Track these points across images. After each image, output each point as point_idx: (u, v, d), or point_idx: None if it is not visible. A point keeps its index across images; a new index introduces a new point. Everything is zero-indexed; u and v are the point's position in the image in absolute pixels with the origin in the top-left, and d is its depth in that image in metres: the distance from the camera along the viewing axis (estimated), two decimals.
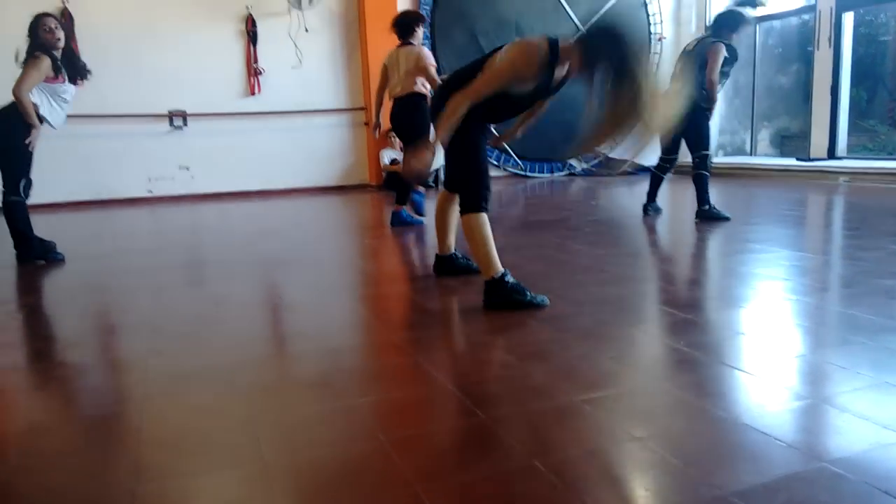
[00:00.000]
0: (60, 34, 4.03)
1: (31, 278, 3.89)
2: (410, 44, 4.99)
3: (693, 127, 4.77)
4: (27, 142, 4.00)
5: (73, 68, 4.16)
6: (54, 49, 4.00)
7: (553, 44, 2.60)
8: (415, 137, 4.58)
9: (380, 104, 5.27)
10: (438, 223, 3.29)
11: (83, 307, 3.21)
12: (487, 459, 1.49)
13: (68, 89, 4.13)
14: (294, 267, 3.99)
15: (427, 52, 4.97)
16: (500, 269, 2.75)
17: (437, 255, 3.39)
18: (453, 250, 3.36)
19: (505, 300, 2.71)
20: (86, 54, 7.53)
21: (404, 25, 4.99)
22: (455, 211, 3.07)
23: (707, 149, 4.91)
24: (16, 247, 4.20)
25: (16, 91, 3.87)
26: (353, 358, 2.32)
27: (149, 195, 8.05)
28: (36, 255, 4.17)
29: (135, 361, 2.30)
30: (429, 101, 4.78)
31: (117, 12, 7.66)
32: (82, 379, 2.19)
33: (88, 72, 4.28)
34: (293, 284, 3.58)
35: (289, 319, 2.93)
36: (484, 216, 2.79)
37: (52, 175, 7.36)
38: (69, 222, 6.32)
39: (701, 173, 4.88)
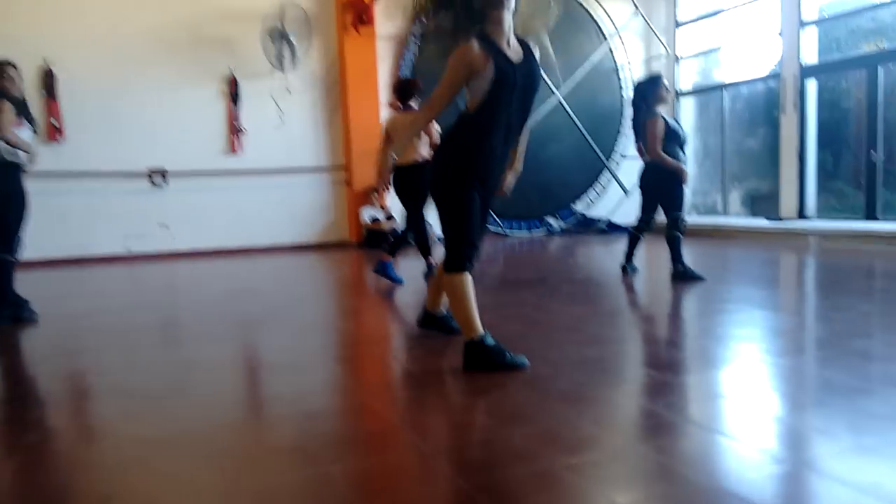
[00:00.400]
0: (20, 83, 4.13)
1: (3, 338, 3.80)
2: (410, 107, 5.20)
3: (667, 189, 4.91)
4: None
5: (29, 116, 4.19)
6: (15, 95, 4.04)
7: (480, 34, 2.67)
8: (420, 203, 5.00)
9: (386, 164, 5.25)
10: (435, 279, 3.25)
11: (55, 369, 3.13)
12: None
13: (28, 134, 4.13)
14: (272, 327, 3.95)
15: None
16: (480, 331, 2.74)
17: (424, 309, 3.35)
18: (443, 310, 3.32)
19: (484, 362, 2.70)
20: (67, 111, 7.62)
21: (407, 91, 5.26)
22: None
23: (680, 210, 5.01)
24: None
25: (2, 134, 3.86)
26: (331, 422, 2.28)
27: (126, 253, 7.98)
28: (9, 315, 4.08)
29: (106, 426, 2.24)
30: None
31: (99, 70, 7.75)
32: (52, 444, 2.12)
33: (37, 124, 4.34)
34: (270, 345, 3.53)
35: (265, 382, 2.88)
36: (466, 276, 2.76)
37: (28, 232, 7.28)
38: (44, 280, 6.22)
39: (674, 234, 4.96)
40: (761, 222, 8.86)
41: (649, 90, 4.99)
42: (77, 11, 7.63)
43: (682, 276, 4.92)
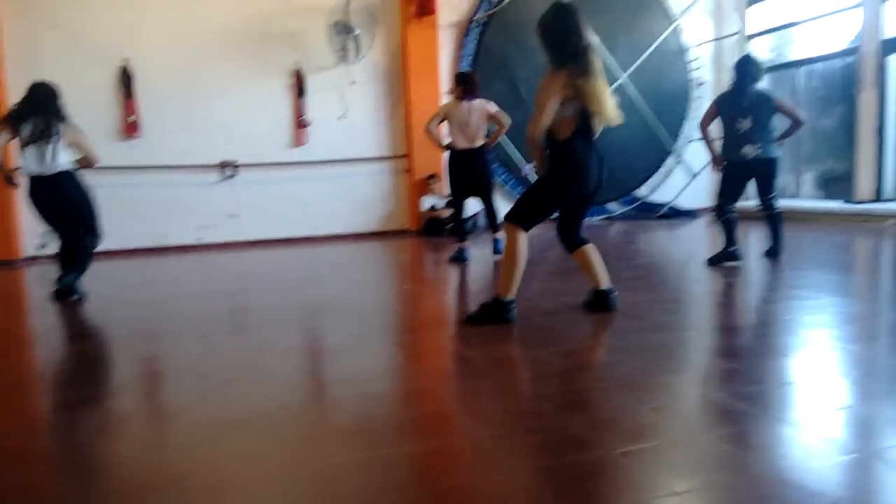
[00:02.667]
0: None
1: (84, 323, 4.04)
2: (475, 97, 5.59)
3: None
4: None
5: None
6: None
7: (561, 64, 3.15)
8: (488, 184, 5.66)
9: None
10: (519, 264, 3.39)
11: (133, 353, 3.32)
12: None
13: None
14: (335, 313, 4.06)
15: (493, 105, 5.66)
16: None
17: (503, 299, 3.38)
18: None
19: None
20: (143, 108, 7.97)
21: (474, 83, 5.69)
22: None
23: (718, 198, 5.09)
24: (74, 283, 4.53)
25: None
26: (390, 406, 2.34)
27: (198, 242, 8.32)
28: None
29: (181, 408, 2.37)
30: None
31: (173, 69, 8.05)
32: (131, 423, 2.26)
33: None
34: (333, 330, 3.64)
35: (328, 366, 2.98)
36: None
37: (107, 224, 7.68)
38: (122, 269, 6.56)
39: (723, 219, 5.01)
40: (836, 205, 8.46)
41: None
42: (153, 11, 7.94)
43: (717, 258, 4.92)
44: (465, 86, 5.68)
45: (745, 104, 4.88)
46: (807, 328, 3.10)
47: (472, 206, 6.34)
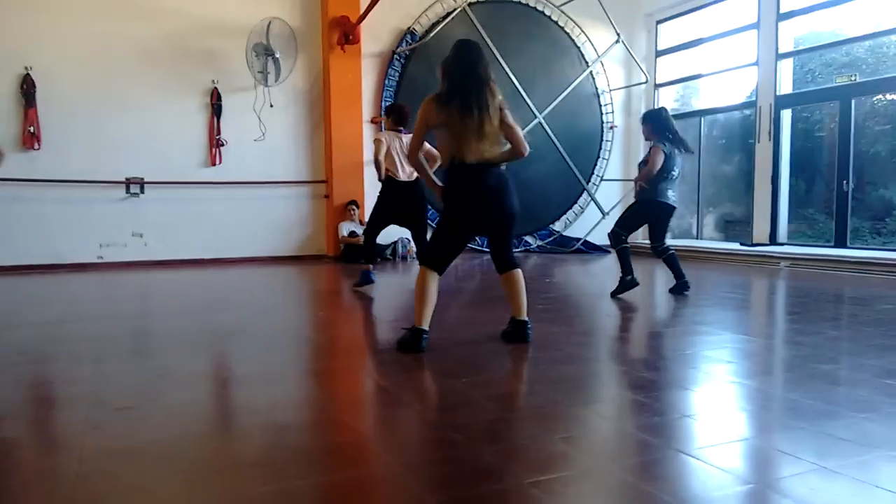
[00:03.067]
0: None
1: None
2: (406, 130, 5.63)
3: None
4: None
5: None
6: None
7: (438, 93, 3.33)
8: (423, 217, 5.62)
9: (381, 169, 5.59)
10: (426, 297, 3.38)
11: (20, 377, 3.07)
12: None
13: None
14: (245, 338, 3.92)
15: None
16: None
17: (416, 329, 3.37)
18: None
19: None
20: (45, 119, 7.55)
21: (404, 115, 5.74)
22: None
23: (618, 227, 5.49)
24: None
25: None
26: (300, 436, 2.27)
27: (99, 261, 7.88)
28: None
29: (71, 437, 2.21)
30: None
31: (82, 80, 7.69)
32: (14, 455, 2.08)
33: None
34: (242, 357, 3.51)
35: (236, 394, 2.86)
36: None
37: (1, 238, 7.19)
38: (16, 287, 6.12)
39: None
40: (734, 245, 9.01)
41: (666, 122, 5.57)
42: (60, 20, 7.58)
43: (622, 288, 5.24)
44: (396, 117, 5.72)
45: (677, 154, 5.25)
46: (707, 362, 3.25)
47: (393, 233, 6.32)
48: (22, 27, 7.42)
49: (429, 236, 3.71)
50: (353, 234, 8.49)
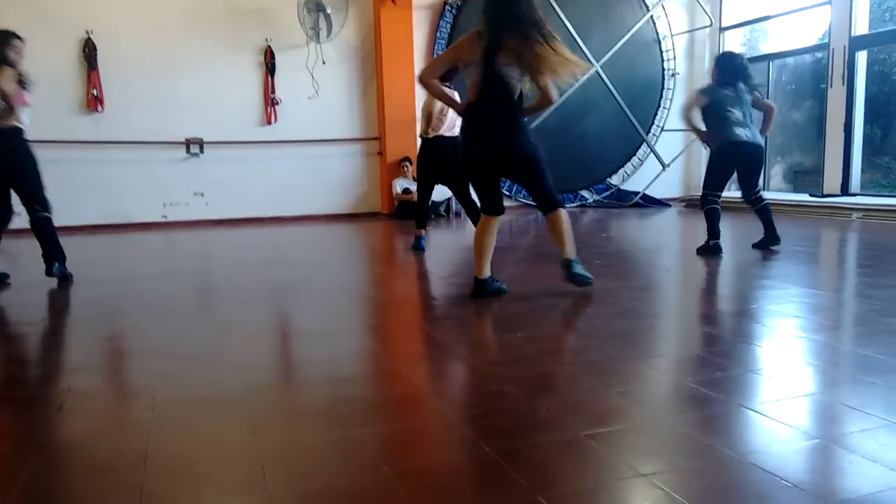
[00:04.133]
0: (21, 56, 4.31)
1: (48, 300, 3.93)
2: (451, 87, 5.34)
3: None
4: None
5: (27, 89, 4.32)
6: (18, 66, 4.24)
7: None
8: (459, 175, 5.30)
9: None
10: (480, 247, 3.44)
11: (94, 330, 3.24)
12: (491, 493, 1.48)
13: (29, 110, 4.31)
14: (304, 294, 4.01)
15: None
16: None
17: (476, 279, 3.48)
18: (489, 274, 3.50)
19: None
20: (107, 82, 7.75)
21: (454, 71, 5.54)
22: (494, 235, 3.49)
23: (704, 188, 5.19)
24: (50, 261, 4.30)
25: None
26: (360, 387, 2.32)
27: (163, 220, 8.16)
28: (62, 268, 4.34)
29: (143, 387, 2.31)
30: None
31: (140, 43, 7.84)
32: (92, 402, 2.20)
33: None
34: (303, 312, 3.59)
35: (297, 347, 2.94)
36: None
37: (70, 199, 7.49)
38: (85, 246, 6.40)
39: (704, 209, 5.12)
40: (803, 197, 8.63)
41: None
42: None
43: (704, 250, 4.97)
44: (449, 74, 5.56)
45: (735, 95, 4.94)
46: (773, 317, 3.15)
47: (445, 190, 6.28)
48: None
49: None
50: (406, 190, 8.50)
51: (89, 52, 7.61)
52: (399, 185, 8.63)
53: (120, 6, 7.74)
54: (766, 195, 5.43)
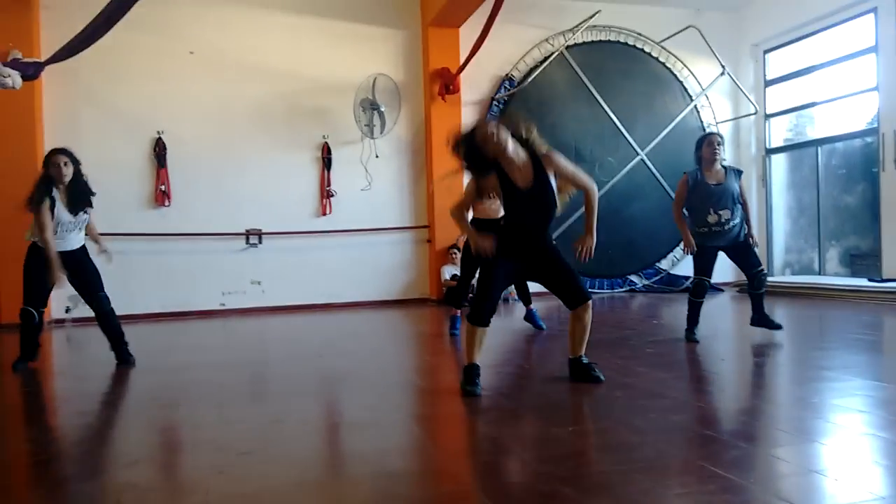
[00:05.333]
0: (69, 170, 4.48)
1: (104, 390, 4.07)
2: None
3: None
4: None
5: (75, 198, 4.55)
6: (61, 183, 4.48)
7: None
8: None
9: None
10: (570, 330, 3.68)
11: (151, 421, 3.32)
12: None
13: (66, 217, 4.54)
14: (354, 383, 4.05)
15: None
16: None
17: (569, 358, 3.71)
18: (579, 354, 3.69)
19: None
20: (174, 177, 8.23)
21: None
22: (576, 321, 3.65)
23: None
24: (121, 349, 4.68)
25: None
26: (408, 484, 2.31)
27: (221, 307, 8.41)
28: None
29: (198, 480, 2.35)
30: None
31: (204, 140, 8.36)
32: (148, 498, 2.24)
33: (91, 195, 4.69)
34: (352, 402, 3.62)
35: (346, 439, 2.95)
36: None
37: (136, 288, 7.83)
38: (147, 334, 6.63)
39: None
40: (861, 281, 8.36)
41: (696, 148, 5.11)
42: (186, 86, 8.30)
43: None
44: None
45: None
46: (836, 412, 3.02)
47: None
48: (155, 95, 8.18)
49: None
50: (454, 276, 8.59)
51: (160, 150, 8.13)
52: (447, 271, 8.74)
53: (189, 108, 8.31)
54: (823, 279, 5.30)
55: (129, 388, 4.19)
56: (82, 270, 4.68)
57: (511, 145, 3.44)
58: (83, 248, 4.72)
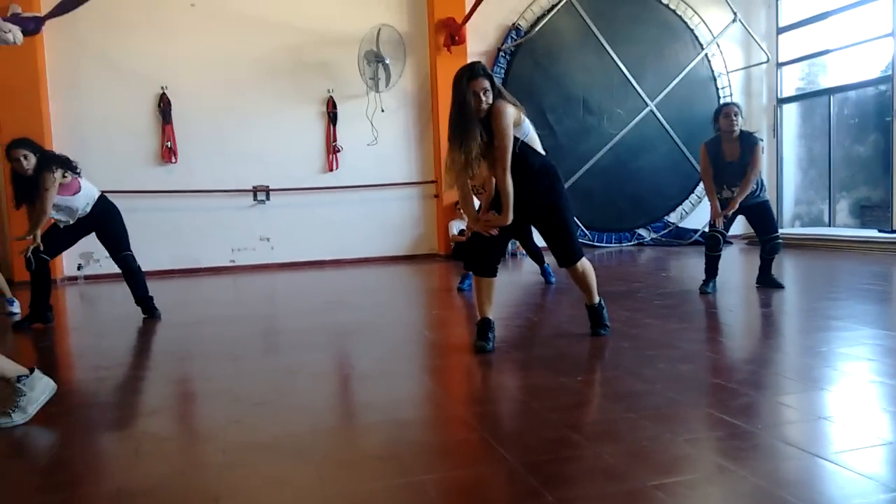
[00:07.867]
0: (29, 163, 4.37)
1: (121, 344, 4.13)
2: None
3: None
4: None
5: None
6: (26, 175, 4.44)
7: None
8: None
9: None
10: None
11: (168, 374, 3.38)
12: None
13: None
14: (365, 336, 4.09)
15: None
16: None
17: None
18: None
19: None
20: (180, 134, 8.18)
21: None
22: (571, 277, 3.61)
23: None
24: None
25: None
26: (421, 432, 2.35)
27: (231, 264, 8.46)
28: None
29: (214, 430, 2.40)
30: None
31: (208, 96, 8.28)
32: (166, 447, 2.29)
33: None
34: (364, 354, 3.67)
35: (359, 389, 3.00)
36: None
37: (145, 245, 7.86)
38: (158, 290, 6.67)
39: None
40: (871, 233, 8.31)
41: (713, 119, 5.04)
42: (190, 41, 8.19)
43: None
44: None
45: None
46: (845, 360, 3.04)
47: None
48: (157, 49, 8.08)
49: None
50: (462, 232, 8.59)
51: (164, 106, 8.06)
52: (455, 226, 8.73)
53: (193, 63, 8.21)
54: (833, 231, 5.30)
55: (144, 343, 4.25)
56: (101, 232, 4.73)
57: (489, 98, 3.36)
58: (100, 206, 4.70)
